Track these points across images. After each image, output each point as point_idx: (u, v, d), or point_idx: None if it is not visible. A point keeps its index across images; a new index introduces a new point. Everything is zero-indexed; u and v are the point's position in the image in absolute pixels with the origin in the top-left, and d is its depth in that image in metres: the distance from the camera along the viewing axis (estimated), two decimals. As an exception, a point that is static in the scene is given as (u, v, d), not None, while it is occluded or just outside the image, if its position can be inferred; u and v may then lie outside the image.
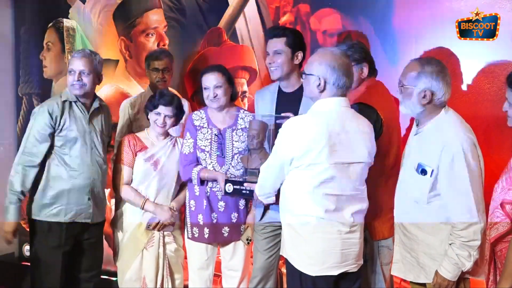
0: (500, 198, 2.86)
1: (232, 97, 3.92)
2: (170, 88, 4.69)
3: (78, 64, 3.85)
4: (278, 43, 3.61)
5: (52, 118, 3.81)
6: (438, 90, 2.98)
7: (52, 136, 3.83)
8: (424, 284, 3.16)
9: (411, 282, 3.21)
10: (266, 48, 3.70)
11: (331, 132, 2.93)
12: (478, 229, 2.86)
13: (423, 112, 3.04)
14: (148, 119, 4.06)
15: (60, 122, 3.83)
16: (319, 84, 3.00)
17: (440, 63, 3.05)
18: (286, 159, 2.99)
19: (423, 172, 2.97)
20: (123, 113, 4.60)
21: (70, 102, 3.90)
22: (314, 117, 3.01)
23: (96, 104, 3.98)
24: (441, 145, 2.92)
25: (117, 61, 5.56)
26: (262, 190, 3.24)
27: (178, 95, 4.29)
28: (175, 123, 4.07)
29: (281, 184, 3.14)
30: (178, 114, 4.03)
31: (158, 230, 4.00)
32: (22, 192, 3.85)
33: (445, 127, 2.98)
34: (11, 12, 6.37)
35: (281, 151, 3.02)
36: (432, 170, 2.95)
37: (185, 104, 4.39)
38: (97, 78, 3.96)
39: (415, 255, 3.10)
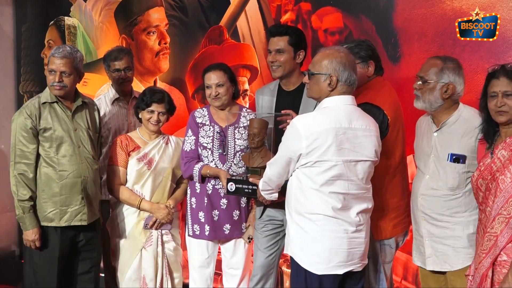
0: None
1: (235, 96, 3.92)
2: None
3: (59, 64, 3.73)
4: (281, 42, 3.59)
5: (32, 119, 3.73)
6: (459, 84, 3.22)
7: (37, 136, 3.77)
8: (438, 272, 3.32)
9: (424, 271, 3.39)
10: (267, 46, 3.69)
11: (339, 130, 2.93)
12: None
13: (441, 107, 3.24)
14: (139, 119, 4.06)
15: (40, 122, 3.76)
16: (330, 83, 3.01)
17: (457, 60, 3.29)
18: (294, 156, 2.99)
19: (456, 160, 3.19)
20: None
21: (51, 103, 3.82)
22: (321, 114, 3.00)
23: (78, 102, 3.90)
24: (476, 132, 3.16)
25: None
26: (266, 186, 3.24)
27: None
28: (167, 120, 4.07)
29: (286, 181, 3.14)
30: (170, 110, 4.04)
31: (156, 229, 3.99)
32: (31, 198, 3.77)
33: (472, 117, 3.21)
34: (13, 10, 6.39)
35: (289, 148, 3.01)
36: (465, 156, 3.18)
37: None
38: (78, 77, 3.87)
39: (450, 243, 3.22)
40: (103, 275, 4.53)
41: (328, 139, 2.91)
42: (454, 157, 3.20)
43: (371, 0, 4.32)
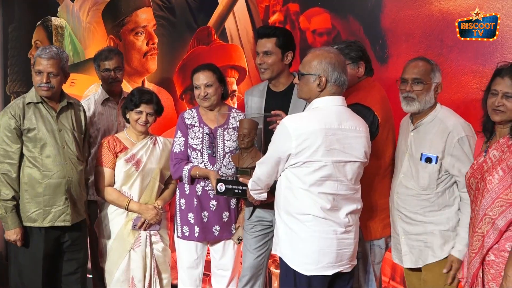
0: (500, 187, 2.91)
1: (224, 96, 3.92)
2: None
3: (46, 65, 3.73)
4: (269, 44, 3.59)
5: (16, 120, 3.73)
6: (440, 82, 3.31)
7: (21, 136, 3.76)
8: (419, 269, 3.34)
9: (406, 269, 3.44)
10: (256, 48, 3.69)
11: (328, 130, 2.94)
12: None
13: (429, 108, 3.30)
14: (126, 120, 4.06)
15: (24, 122, 3.75)
16: (320, 83, 3.01)
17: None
18: (283, 156, 3.00)
19: (428, 160, 3.23)
20: None
21: (35, 103, 3.81)
22: (311, 115, 3.01)
23: (63, 103, 3.89)
24: (446, 133, 3.21)
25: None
26: (255, 186, 3.24)
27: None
28: (154, 120, 4.06)
29: (275, 181, 3.15)
30: (158, 111, 4.03)
31: (144, 230, 3.99)
32: (14, 198, 3.76)
33: (446, 117, 3.26)
34: (-1, 10, 6.36)
35: (278, 148, 3.02)
36: (437, 157, 3.22)
37: None
38: (64, 77, 3.87)
39: (423, 238, 3.28)
40: (91, 276, 4.51)
41: (317, 139, 2.91)
42: (426, 157, 3.25)
43: (359, 1, 4.33)
